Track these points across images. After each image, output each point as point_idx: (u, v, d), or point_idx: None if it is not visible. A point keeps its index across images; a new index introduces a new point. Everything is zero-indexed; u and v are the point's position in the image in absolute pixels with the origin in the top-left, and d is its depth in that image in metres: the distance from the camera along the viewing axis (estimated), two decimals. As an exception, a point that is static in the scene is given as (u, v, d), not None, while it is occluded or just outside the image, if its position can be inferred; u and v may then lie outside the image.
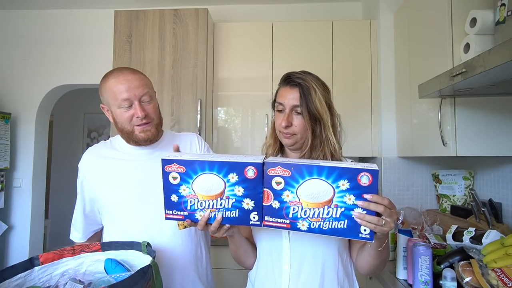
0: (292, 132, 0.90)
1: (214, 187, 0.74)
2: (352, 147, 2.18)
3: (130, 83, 0.98)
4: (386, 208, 0.68)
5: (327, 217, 0.70)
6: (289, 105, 0.89)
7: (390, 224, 0.69)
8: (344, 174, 0.67)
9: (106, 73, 1.05)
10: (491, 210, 1.50)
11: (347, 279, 0.90)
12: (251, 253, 0.97)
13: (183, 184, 0.76)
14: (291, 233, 0.87)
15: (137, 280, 0.71)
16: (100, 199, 1.07)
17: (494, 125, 1.39)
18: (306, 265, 0.87)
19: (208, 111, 2.15)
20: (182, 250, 1.07)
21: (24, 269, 0.80)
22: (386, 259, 0.86)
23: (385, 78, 2.11)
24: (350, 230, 0.70)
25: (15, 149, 2.61)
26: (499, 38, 1.11)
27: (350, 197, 0.68)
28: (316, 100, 0.88)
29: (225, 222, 0.77)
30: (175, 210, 0.78)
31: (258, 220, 0.75)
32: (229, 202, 0.75)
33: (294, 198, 0.71)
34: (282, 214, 0.73)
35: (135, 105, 0.99)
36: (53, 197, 4.27)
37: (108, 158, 1.08)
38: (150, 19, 2.09)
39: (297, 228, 0.72)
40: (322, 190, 0.69)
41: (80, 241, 1.12)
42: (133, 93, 0.98)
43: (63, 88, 2.73)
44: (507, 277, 1.00)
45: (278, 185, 0.72)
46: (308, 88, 0.89)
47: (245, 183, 0.73)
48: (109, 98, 1.00)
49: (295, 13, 2.59)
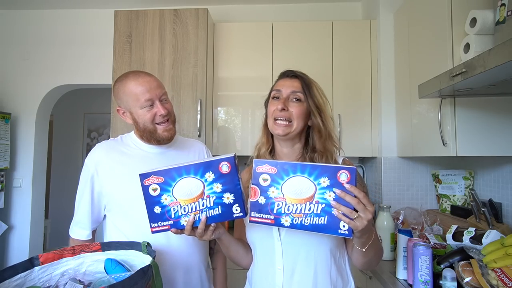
0: (287, 117, 0.91)
1: (193, 189, 0.78)
2: (352, 147, 2.18)
3: (150, 84, 1.05)
4: (360, 203, 0.70)
5: (308, 212, 0.74)
6: (287, 92, 0.92)
7: (363, 221, 0.70)
8: (325, 172, 0.73)
9: (120, 77, 1.09)
10: (491, 210, 1.50)
11: (341, 278, 0.91)
12: (243, 253, 0.98)
13: (164, 194, 0.79)
14: (282, 235, 0.88)
15: (137, 280, 0.71)
16: (111, 194, 1.07)
17: (494, 125, 1.39)
18: (299, 266, 0.87)
19: (208, 111, 2.15)
20: (192, 248, 1.09)
21: (24, 269, 0.80)
22: (377, 257, 0.88)
23: (385, 78, 2.11)
24: (330, 226, 0.73)
25: (15, 149, 2.61)
26: (499, 38, 1.11)
27: (330, 193, 0.72)
28: (317, 93, 0.93)
29: (210, 221, 0.79)
30: (160, 222, 0.80)
31: (241, 212, 0.79)
32: (210, 201, 0.78)
33: (279, 194, 0.76)
34: (267, 210, 0.77)
35: (156, 104, 1.05)
36: (53, 197, 4.27)
37: (122, 154, 1.10)
38: (150, 19, 2.09)
39: (281, 224, 0.76)
40: (304, 187, 0.74)
41: (87, 238, 1.12)
42: (154, 93, 1.04)
43: (63, 88, 2.73)
44: (507, 277, 1.00)
45: (265, 182, 0.76)
46: (309, 81, 0.94)
47: (221, 178, 0.77)
48: (130, 100, 1.05)
49: (295, 13, 2.59)
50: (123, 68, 2.06)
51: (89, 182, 1.09)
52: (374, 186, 2.23)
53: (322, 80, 2.17)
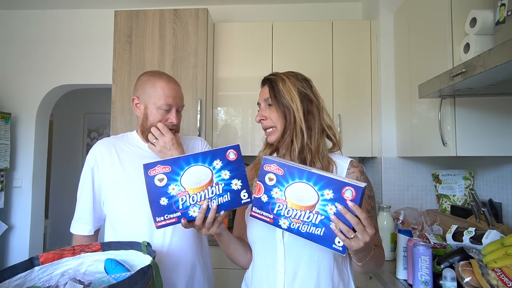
0: (269, 125, 0.93)
1: (202, 177, 0.77)
2: (352, 147, 2.18)
3: (177, 92, 1.10)
4: (359, 223, 0.69)
5: (307, 221, 0.74)
6: (262, 101, 0.96)
7: (359, 242, 0.69)
8: (331, 184, 0.71)
9: (152, 72, 1.13)
10: (491, 210, 1.50)
11: (342, 282, 0.90)
12: (242, 252, 0.96)
13: (171, 184, 0.77)
14: (285, 237, 0.87)
15: (137, 280, 0.71)
16: (107, 189, 1.08)
17: (494, 125, 1.39)
18: (301, 269, 0.86)
19: (208, 111, 2.15)
20: (187, 248, 1.09)
21: (24, 269, 0.80)
22: (377, 267, 0.87)
23: (385, 78, 2.11)
24: (325, 239, 0.72)
25: (15, 149, 2.61)
26: (499, 38, 1.11)
27: (332, 207, 0.71)
28: (283, 88, 0.91)
29: (221, 209, 0.79)
30: (166, 215, 0.77)
31: (248, 197, 0.80)
32: (219, 188, 0.78)
33: (281, 196, 0.76)
34: (268, 209, 0.78)
35: (172, 112, 1.09)
36: (53, 197, 4.27)
37: (122, 151, 1.11)
38: (150, 19, 2.09)
39: (279, 225, 0.77)
40: (307, 195, 0.73)
41: (89, 233, 1.11)
42: (176, 102, 1.09)
43: (63, 88, 2.73)
44: (507, 277, 1.00)
45: (270, 181, 0.77)
46: (275, 80, 0.93)
47: (229, 165, 0.79)
48: (153, 96, 1.07)
49: (295, 13, 2.59)
50: (123, 68, 2.06)
51: (89, 175, 1.10)
52: (374, 186, 2.23)
53: (322, 80, 2.20)
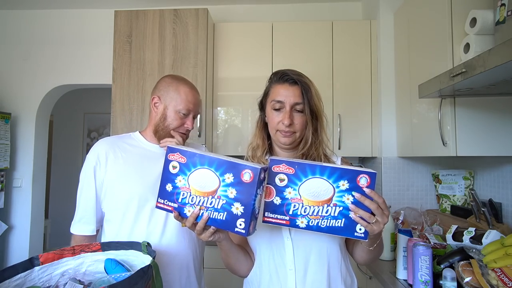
0: (293, 130, 0.88)
1: (208, 183, 0.75)
2: (352, 147, 2.18)
3: (197, 99, 1.15)
4: (378, 207, 0.71)
5: (325, 215, 0.73)
6: (290, 103, 0.87)
7: (380, 225, 0.71)
8: (345, 175, 0.71)
9: (176, 76, 1.17)
10: (491, 210, 1.50)
11: (349, 275, 0.91)
12: (243, 261, 0.92)
13: (180, 175, 0.77)
14: (292, 233, 0.86)
15: (137, 280, 0.71)
16: (109, 187, 1.07)
17: (494, 125, 1.39)
18: (311, 263, 0.85)
19: (208, 111, 2.15)
20: (184, 249, 1.08)
21: (24, 269, 0.80)
22: (380, 253, 0.90)
23: (385, 78, 2.11)
24: (346, 229, 0.73)
25: (15, 149, 2.61)
26: (499, 38, 1.11)
27: (349, 197, 0.72)
28: (315, 97, 0.89)
29: (211, 223, 0.75)
30: (166, 200, 0.79)
31: (244, 229, 0.72)
32: (219, 203, 0.74)
33: (296, 195, 0.74)
34: (282, 211, 0.75)
35: (189, 117, 1.13)
36: (53, 197, 4.27)
37: (125, 150, 1.11)
38: (150, 19, 2.09)
39: (296, 225, 0.75)
40: (323, 189, 0.72)
41: (92, 233, 1.10)
42: (195, 109, 1.14)
43: (63, 88, 2.73)
44: (507, 277, 1.00)
45: (281, 182, 0.75)
46: (307, 84, 0.89)
47: (239, 186, 0.72)
48: (175, 99, 1.11)
49: (295, 13, 2.59)
50: (123, 68, 2.06)
51: (91, 173, 1.07)
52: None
53: (322, 80, 2.20)
